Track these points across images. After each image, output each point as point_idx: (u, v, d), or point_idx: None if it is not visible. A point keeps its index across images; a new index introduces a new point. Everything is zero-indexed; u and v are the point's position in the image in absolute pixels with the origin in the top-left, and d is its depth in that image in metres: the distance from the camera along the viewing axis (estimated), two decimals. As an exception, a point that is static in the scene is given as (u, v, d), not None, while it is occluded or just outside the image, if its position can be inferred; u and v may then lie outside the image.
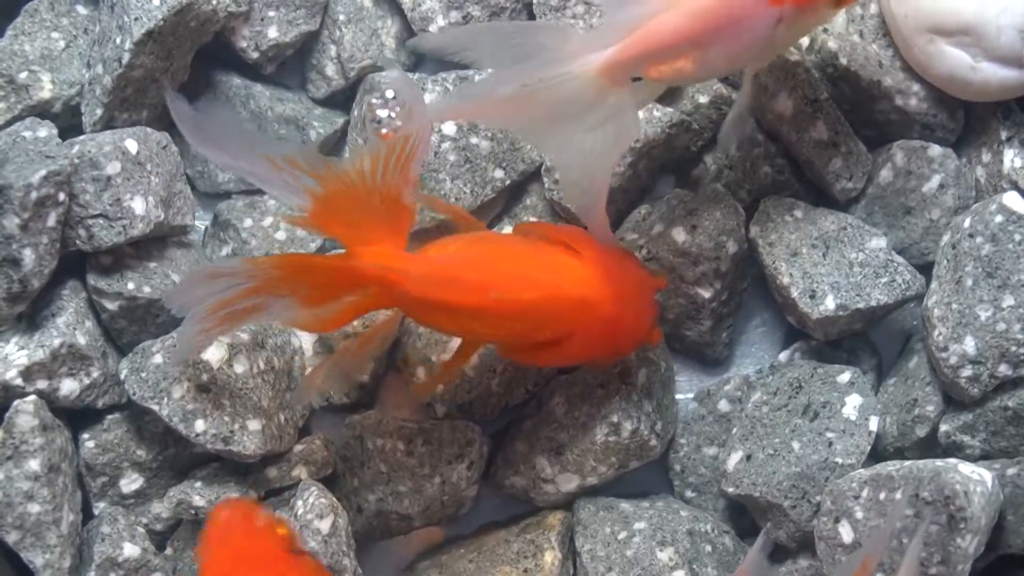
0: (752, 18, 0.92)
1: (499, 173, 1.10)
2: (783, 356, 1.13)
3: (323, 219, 0.91)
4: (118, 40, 1.05)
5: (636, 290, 0.99)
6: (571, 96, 0.91)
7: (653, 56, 0.92)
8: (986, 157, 1.11)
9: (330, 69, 1.16)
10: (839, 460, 1.04)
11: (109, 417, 1.06)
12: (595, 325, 0.96)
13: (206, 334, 0.92)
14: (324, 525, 1.00)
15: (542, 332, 0.95)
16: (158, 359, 1.02)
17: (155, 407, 1.01)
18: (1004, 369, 1.02)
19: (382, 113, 1.08)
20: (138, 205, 1.05)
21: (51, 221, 1.01)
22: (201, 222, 1.15)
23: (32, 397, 1.01)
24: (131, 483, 1.07)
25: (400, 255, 0.92)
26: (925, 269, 1.09)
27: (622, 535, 1.06)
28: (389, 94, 1.09)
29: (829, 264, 1.07)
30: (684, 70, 0.94)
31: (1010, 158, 1.09)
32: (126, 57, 1.05)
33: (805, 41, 1.12)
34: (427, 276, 0.92)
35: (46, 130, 1.05)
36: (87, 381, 1.04)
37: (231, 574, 0.89)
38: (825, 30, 1.10)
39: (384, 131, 1.07)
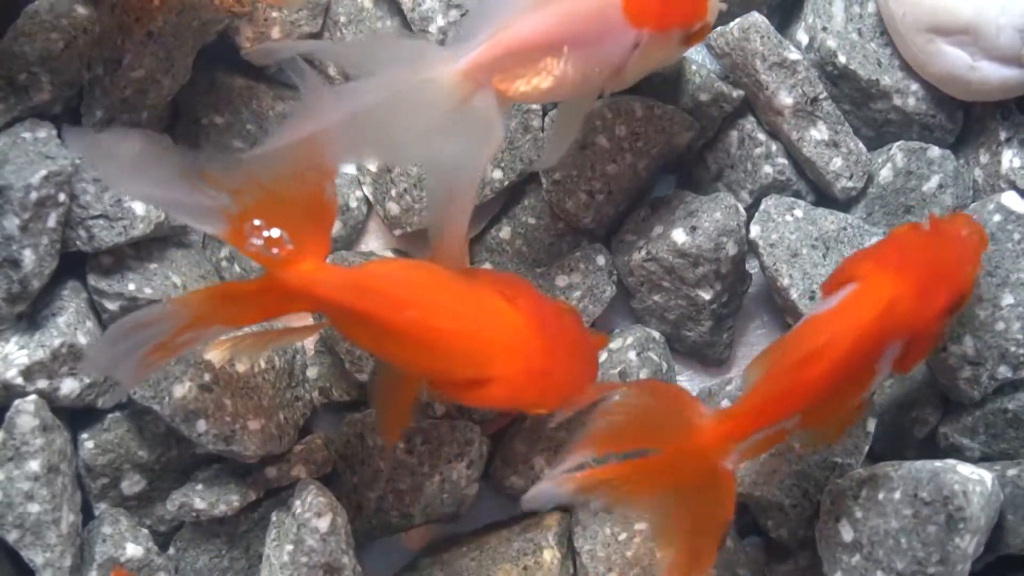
0: (612, 33, 0.91)
1: (498, 174, 1.10)
2: (782, 357, 1.13)
3: (241, 240, 0.87)
4: (118, 41, 1.05)
5: (570, 346, 0.94)
6: (435, 101, 0.88)
7: (513, 57, 0.89)
8: (984, 158, 1.11)
9: (332, 68, 1.16)
10: (839, 459, 1.04)
11: (109, 416, 1.06)
12: (517, 373, 0.91)
13: (141, 371, 0.90)
14: (323, 523, 1.00)
15: (459, 369, 0.91)
16: (160, 359, 1.02)
17: (156, 407, 1.01)
18: (1004, 370, 1.02)
19: None
20: (139, 206, 1.05)
21: (51, 222, 1.01)
22: (203, 222, 1.15)
23: (33, 397, 1.01)
24: (133, 485, 1.07)
25: (323, 267, 0.89)
26: (925, 269, 1.09)
27: (622, 536, 1.06)
28: None
29: (829, 265, 1.07)
30: (540, 84, 0.90)
31: (1008, 158, 1.09)
32: (126, 58, 1.05)
33: (805, 39, 1.11)
34: (349, 284, 0.89)
35: (46, 131, 1.05)
36: (87, 380, 1.04)
37: None
38: (824, 28, 1.10)
39: None
